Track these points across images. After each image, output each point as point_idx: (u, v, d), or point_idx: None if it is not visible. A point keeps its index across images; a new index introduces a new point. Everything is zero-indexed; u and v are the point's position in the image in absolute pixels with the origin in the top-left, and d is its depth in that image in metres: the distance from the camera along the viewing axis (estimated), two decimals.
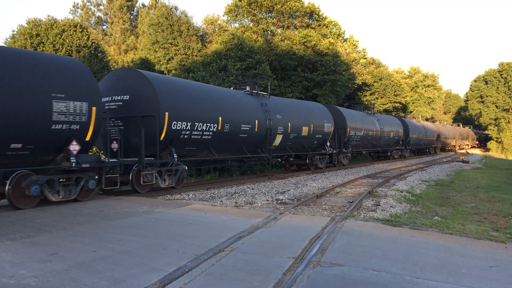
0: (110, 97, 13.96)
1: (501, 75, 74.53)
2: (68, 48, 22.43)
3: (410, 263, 6.02)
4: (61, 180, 10.85)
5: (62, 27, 23.02)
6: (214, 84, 23.02)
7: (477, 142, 75.90)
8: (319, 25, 39.56)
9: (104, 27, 47.83)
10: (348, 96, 43.22)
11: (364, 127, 29.77)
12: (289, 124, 20.23)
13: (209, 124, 15.32)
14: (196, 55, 29.88)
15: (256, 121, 17.91)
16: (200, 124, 14.93)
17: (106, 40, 44.67)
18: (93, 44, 24.02)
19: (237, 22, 37.43)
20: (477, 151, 63.49)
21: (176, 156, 14.05)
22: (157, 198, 12.95)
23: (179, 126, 14.02)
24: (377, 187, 16.09)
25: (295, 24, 38.11)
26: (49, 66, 10.52)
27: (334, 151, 25.13)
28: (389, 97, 49.50)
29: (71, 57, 14.22)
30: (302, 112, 22.06)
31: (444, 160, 38.45)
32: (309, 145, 22.77)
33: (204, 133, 15.23)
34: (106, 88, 13.99)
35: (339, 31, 46.86)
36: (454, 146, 61.27)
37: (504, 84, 73.95)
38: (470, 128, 72.63)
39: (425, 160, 38.79)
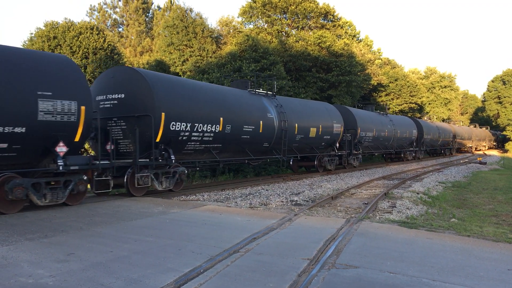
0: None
1: None
2: (84, 50, 22.71)
3: (427, 266, 5.95)
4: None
5: (79, 30, 23.31)
6: (228, 85, 22.95)
7: (484, 144, 67.72)
8: (334, 26, 39.41)
9: (120, 29, 48.30)
10: (363, 97, 42.92)
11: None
12: None
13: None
14: (210, 57, 29.99)
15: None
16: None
17: (122, 42, 45.09)
18: (109, 46, 24.28)
19: (252, 23, 37.48)
20: (494, 152, 62.37)
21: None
22: (172, 199, 13.03)
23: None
24: (392, 188, 15.95)
25: (310, 25, 38.01)
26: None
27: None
28: (404, 98, 49.05)
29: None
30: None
31: (461, 161, 37.93)
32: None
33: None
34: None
35: (354, 32, 46.60)
36: (450, 149, 50.30)
37: None
38: (475, 126, 67.75)
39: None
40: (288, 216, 9.69)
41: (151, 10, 49.35)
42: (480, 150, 63.73)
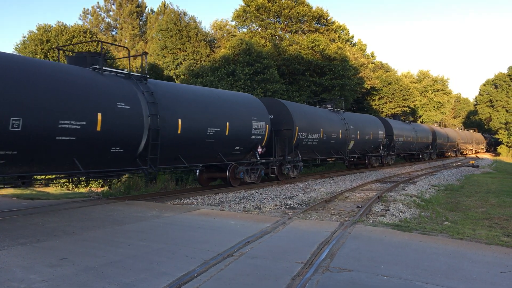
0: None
1: (511, 79, 73.75)
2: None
3: (420, 269, 5.97)
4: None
5: (72, 33, 23.27)
6: (222, 88, 23.06)
7: (471, 148, 61.89)
8: (327, 30, 39.53)
9: (114, 32, 48.23)
10: (356, 101, 43.10)
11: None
12: None
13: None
14: (204, 60, 30.01)
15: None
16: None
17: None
18: (102, 50, 24.20)
19: (245, 27, 37.52)
20: (487, 156, 62.66)
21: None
22: (166, 202, 13.00)
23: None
24: (386, 192, 15.99)
25: (303, 28, 38.11)
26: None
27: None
28: (397, 102, 49.30)
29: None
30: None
31: (454, 164, 38.14)
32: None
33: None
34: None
35: (348, 36, 46.81)
36: (430, 153, 43.17)
37: None
38: (471, 130, 66.89)
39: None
40: (282, 219, 9.69)
41: (144, 14, 49.34)
42: (472, 153, 62.14)
